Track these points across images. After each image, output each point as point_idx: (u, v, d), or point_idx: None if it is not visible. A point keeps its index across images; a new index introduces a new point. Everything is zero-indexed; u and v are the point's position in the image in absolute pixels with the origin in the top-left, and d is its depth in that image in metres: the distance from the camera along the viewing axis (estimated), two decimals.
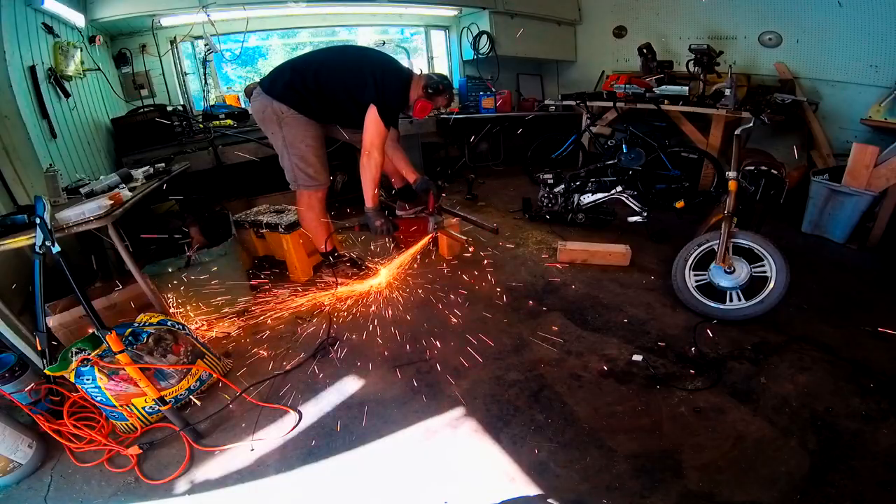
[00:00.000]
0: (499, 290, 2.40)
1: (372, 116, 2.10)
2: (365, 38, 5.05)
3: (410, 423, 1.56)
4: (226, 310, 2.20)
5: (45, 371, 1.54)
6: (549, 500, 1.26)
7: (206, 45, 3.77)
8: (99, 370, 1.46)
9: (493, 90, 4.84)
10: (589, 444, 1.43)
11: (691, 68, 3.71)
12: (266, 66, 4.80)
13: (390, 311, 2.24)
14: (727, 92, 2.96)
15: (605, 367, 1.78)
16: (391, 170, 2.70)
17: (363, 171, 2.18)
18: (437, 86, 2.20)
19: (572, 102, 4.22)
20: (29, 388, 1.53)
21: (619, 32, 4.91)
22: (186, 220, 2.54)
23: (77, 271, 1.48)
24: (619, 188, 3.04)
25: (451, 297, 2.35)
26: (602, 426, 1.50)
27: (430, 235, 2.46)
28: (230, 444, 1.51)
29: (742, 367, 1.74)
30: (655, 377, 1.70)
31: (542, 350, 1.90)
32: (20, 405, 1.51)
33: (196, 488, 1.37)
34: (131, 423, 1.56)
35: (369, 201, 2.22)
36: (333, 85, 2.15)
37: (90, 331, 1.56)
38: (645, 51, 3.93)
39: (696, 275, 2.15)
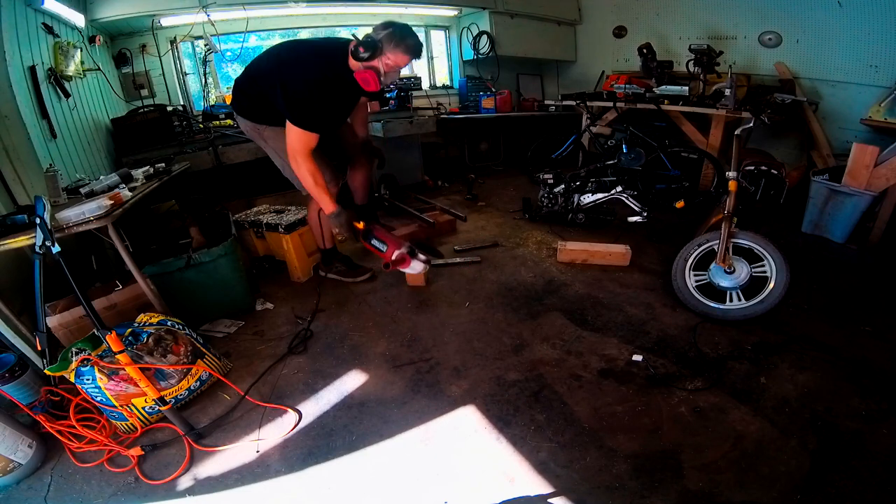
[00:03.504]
0: (499, 290, 2.40)
1: (288, 127, 1.85)
2: None
3: (410, 424, 1.56)
4: None
5: (46, 371, 1.54)
6: (549, 501, 1.26)
7: (206, 45, 3.78)
8: (99, 370, 1.46)
9: (493, 90, 4.84)
10: (589, 444, 1.43)
11: (691, 68, 3.71)
12: None
13: (390, 311, 2.25)
14: (727, 92, 2.95)
15: (605, 367, 1.78)
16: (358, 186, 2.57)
17: (302, 183, 2.00)
18: (367, 44, 1.74)
19: (572, 102, 4.23)
20: (40, 398, 1.54)
21: (619, 32, 4.91)
22: (186, 220, 2.55)
23: (77, 271, 1.48)
24: (619, 188, 3.05)
25: (451, 297, 2.35)
26: (602, 426, 1.49)
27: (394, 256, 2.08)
28: (230, 444, 1.51)
29: (742, 367, 1.74)
30: (655, 377, 1.70)
31: (542, 350, 1.90)
32: (20, 405, 1.51)
33: (196, 488, 1.37)
34: (131, 424, 1.56)
35: (326, 208, 2.01)
36: (261, 98, 1.95)
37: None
38: (645, 51, 3.93)
39: (696, 275, 2.15)
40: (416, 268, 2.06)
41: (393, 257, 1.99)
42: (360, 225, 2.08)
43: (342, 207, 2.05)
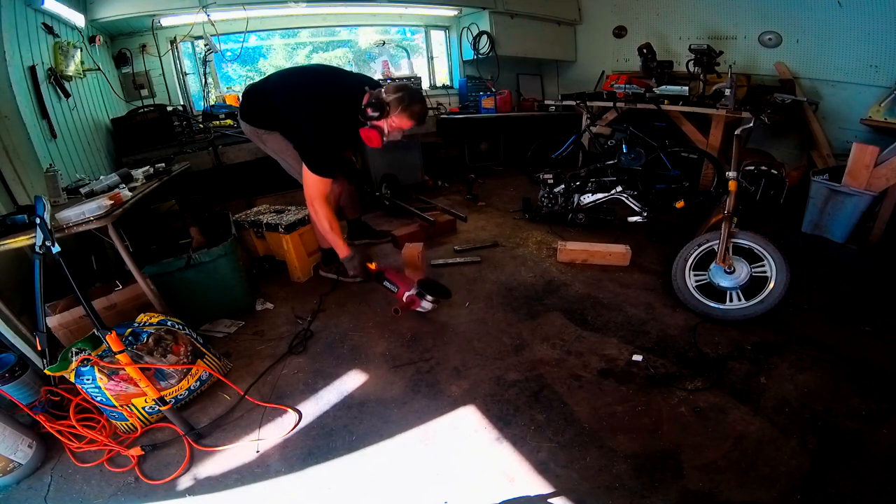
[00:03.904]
0: (499, 290, 2.40)
1: (304, 171, 1.98)
2: (365, 37, 5.06)
3: (410, 424, 1.56)
4: None
5: (46, 371, 1.54)
6: (549, 501, 1.26)
7: (206, 45, 3.77)
8: (99, 370, 1.46)
9: (493, 90, 4.84)
10: (589, 444, 1.43)
11: (691, 68, 3.71)
12: (266, 66, 4.81)
13: (390, 311, 2.24)
14: (727, 92, 2.95)
15: (605, 367, 1.78)
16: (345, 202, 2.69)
17: (318, 227, 2.14)
18: (375, 106, 1.86)
19: (572, 102, 4.23)
20: (40, 398, 1.54)
21: (619, 32, 4.91)
22: (186, 220, 2.55)
23: (77, 271, 1.48)
24: (619, 188, 3.05)
25: (451, 297, 2.35)
26: (602, 426, 1.50)
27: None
28: (230, 444, 1.51)
29: (742, 367, 1.74)
30: (655, 377, 1.70)
31: (542, 350, 1.90)
32: (20, 405, 1.51)
33: (196, 488, 1.37)
34: (131, 424, 1.56)
35: (340, 252, 2.13)
36: (271, 116, 2.09)
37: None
38: (645, 51, 3.93)
39: (696, 275, 2.15)
40: (425, 307, 2.10)
41: (404, 298, 2.05)
42: (373, 266, 2.15)
43: (355, 251, 2.15)
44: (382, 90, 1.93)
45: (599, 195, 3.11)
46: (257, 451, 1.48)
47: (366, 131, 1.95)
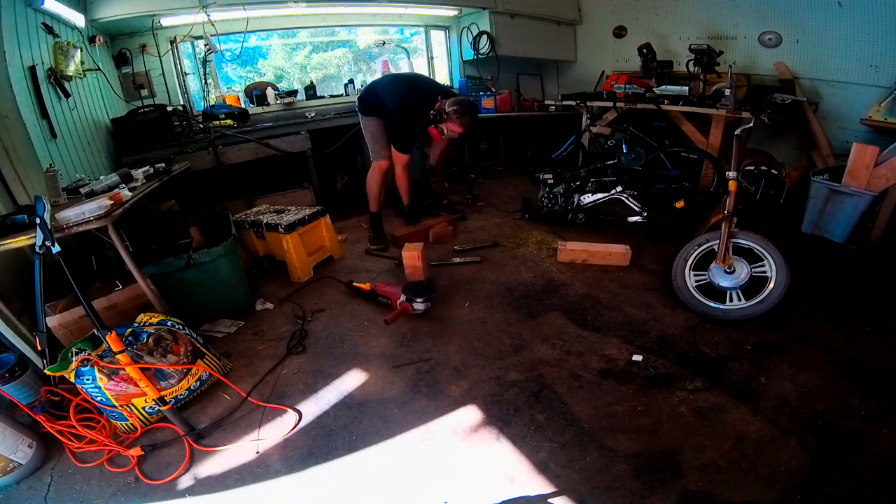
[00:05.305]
0: (499, 290, 2.40)
1: (393, 150, 2.86)
2: (365, 37, 5.06)
3: (410, 424, 1.56)
4: None
5: (46, 371, 1.54)
6: (549, 501, 1.26)
7: (206, 45, 3.77)
8: (99, 370, 1.46)
9: (493, 90, 4.84)
10: (589, 444, 1.43)
11: (691, 68, 3.71)
12: (266, 66, 4.81)
13: (390, 311, 2.24)
14: (727, 92, 2.95)
15: (605, 367, 1.78)
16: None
17: (399, 182, 3.01)
18: (438, 114, 2.68)
19: (572, 102, 4.22)
20: (40, 398, 1.54)
21: (619, 32, 4.91)
22: (186, 220, 2.55)
23: (77, 271, 1.48)
24: (619, 188, 3.04)
25: (451, 297, 2.35)
26: (602, 426, 1.50)
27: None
28: (230, 444, 1.51)
29: (742, 367, 1.74)
30: (655, 377, 1.70)
31: (542, 350, 1.90)
32: (20, 405, 1.51)
33: (196, 488, 1.37)
34: (131, 423, 1.57)
35: (406, 199, 3.11)
36: (376, 108, 2.88)
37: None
38: (645, 51, 3.92)
39: (696, 275, 2.15)
40: (418, 308, 2.15)
41: (398, 306, 2.14)
42: (367, 287, 2.38)
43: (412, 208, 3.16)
44: (447, 102, 2.65)
45: (599, 195, 3.10)
46: (257, 452, 1.48)
47: (431, 129, 2.75)
